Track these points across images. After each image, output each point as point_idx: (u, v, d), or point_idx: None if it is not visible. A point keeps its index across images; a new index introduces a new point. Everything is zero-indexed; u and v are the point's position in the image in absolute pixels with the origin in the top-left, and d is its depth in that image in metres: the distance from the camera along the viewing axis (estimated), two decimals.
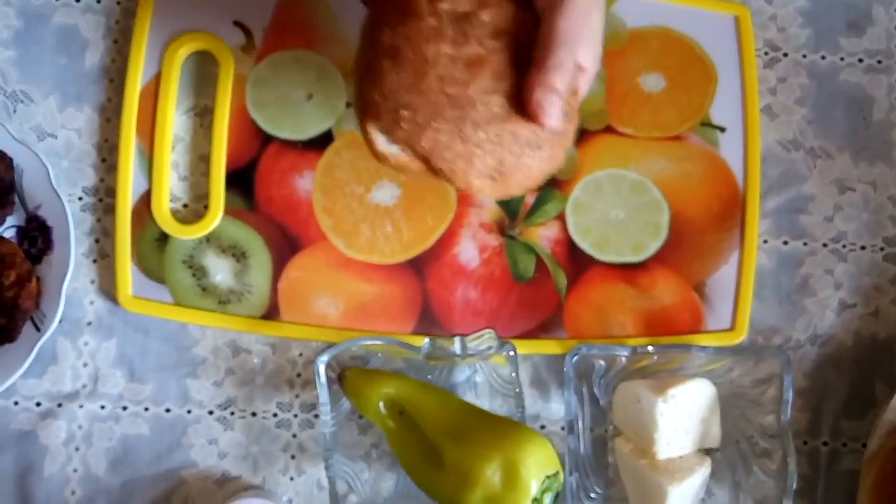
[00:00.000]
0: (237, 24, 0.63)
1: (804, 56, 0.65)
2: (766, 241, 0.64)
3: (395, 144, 0.48)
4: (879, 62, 0.66)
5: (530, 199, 0.63)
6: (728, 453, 0.61)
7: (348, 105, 0.63)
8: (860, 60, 0.66)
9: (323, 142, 0.62)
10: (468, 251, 0.63)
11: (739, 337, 0.63)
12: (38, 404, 0.61)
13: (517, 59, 0.46)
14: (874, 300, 0.64)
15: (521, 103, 0.46)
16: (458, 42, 0.46)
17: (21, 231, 0.61)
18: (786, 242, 0.64)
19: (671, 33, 0.64)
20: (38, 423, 0.61)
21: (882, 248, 0.65)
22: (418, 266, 0.62)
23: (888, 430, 0.60)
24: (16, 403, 0.61)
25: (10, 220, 0.61)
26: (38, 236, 0.60)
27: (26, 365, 0.59)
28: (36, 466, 0.60)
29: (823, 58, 0.66)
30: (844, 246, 0.65)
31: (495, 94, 0.46)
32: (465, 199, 0.63)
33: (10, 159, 0.60)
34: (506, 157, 0.47)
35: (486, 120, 0.46)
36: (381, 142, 0.48)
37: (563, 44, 0.45)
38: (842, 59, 0.66)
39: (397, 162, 0.49)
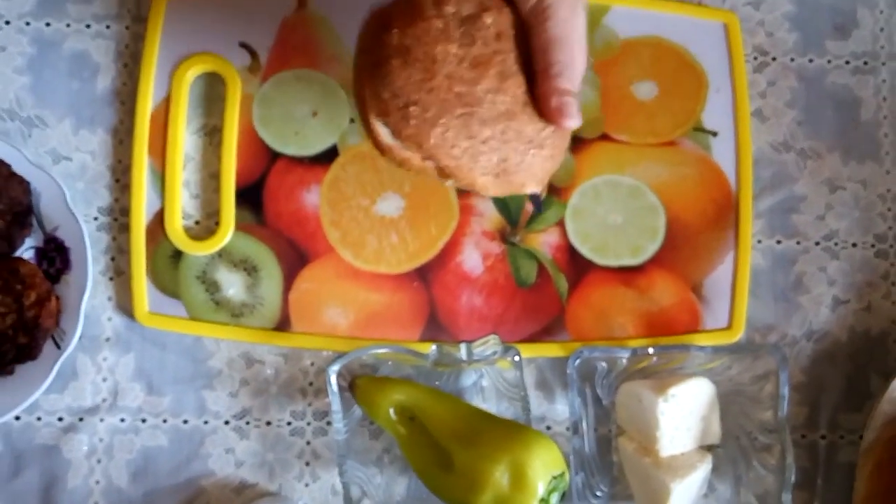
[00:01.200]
0: (243, 45, 0.64)
1: (792, 60, 0.67)
2: (760, 241, 0.66)
3: (399, 141, 0.50)
4: (866, 63, 0.67)
5: (530, 207, 0.65)
6: (729, 449, 0.62)
7: (352, 121, 0.64)
8: (847, 62, 0.67)
9: (328, 157, 0.64)
10: (472, 259, 0.64)
11: (737, 335, 0.64)
12: (61, 419, 0.62)
13: (518, 59, 0.49)
14: (867, 296, 0.66)
15: (527, 103, 0.49)
16: (465, 43, 0.48)
17: (40, 252, 0.62)
18: (779, 242, 0.66)
19: (662, 42, 0.66)
20: (61, 438, 0.62)
21: (873, 245, 0.66)
22: (424, 275, 0.64)
23: (884, 422, 0.61)
24: (39, 419, 0.62)
25: (29, 242, 0.62)
26: (56, 256, 0.62)
27: (48, 382, 0.60)
28: (60, 479, 0.62)
29: (811, 61, 0.67)
30: (836, 244, 0.66)
31: (500, 92, 0.48)
32: (467, 209, 0.64)
33: (28, 183, 0.61)
34: (510, 154, 0.49)
35: (493, 118, 0.48)
36: (385, 134, 0.50)
37: (560, 47, 0.48)
38: (829, 61, 0.67)
39: (401, 156, 0.50)
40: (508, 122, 0.49)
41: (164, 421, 0.63)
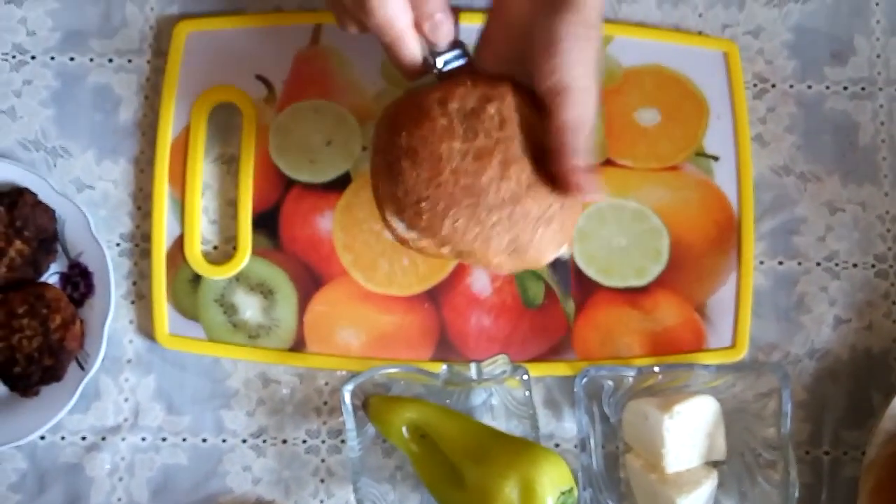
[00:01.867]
0: (259, 77, 0.66)
1: (791, 86, 0.69)
2: (762, 262, 0.67)
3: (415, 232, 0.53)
4: (863, 89, 0.69)
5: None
6: (734, 465, 0.63)
7: (364, 148, 0.66)
8: (845, 88, 0.69)
9: (342, 183, 0.66)
10: (480, 281, 0.66)
11: (740, 354, 0.65)
12: (84, 438, 0.64)
13: (524, 143, 0.52)
14: (867, 315, 0.67)
15: (531, 185, 0.52)
16: (468, 137, 0.52)
17: (64, 277, 0.64)
18: (781, 263, 0.67)
19: (664, 71, 0.68)
20: (84, 456, 0.64)
21: (873, 265, 0.67)
22: (434, 297, 0.65)
23: (885, 439, 0.62)
24: (63, 438, 0.64)
25: (54, 267, 0.64)
26: (80, 281, 0.64)
27: (72, 402, 0.62)
28: (83, 497, 0.63)
29: (810, 87, 0.69)
30: (837, 264, 0.67)
31: (504, 179, 0.51)
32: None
33: (53, 211, 0.63)
34: (519, 234, 0.52)
35: (498, 204, 0.51)
36: (401, 228, 0.53)
37: (578, 131, 0.51)
38: (827, 87, 0.69)
39: (417, 246, 0.54)
40: (514, 206, 0.52)
41: (184, 440, 0.64)
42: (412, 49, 0.53)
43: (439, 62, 0.54)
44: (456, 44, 0.55)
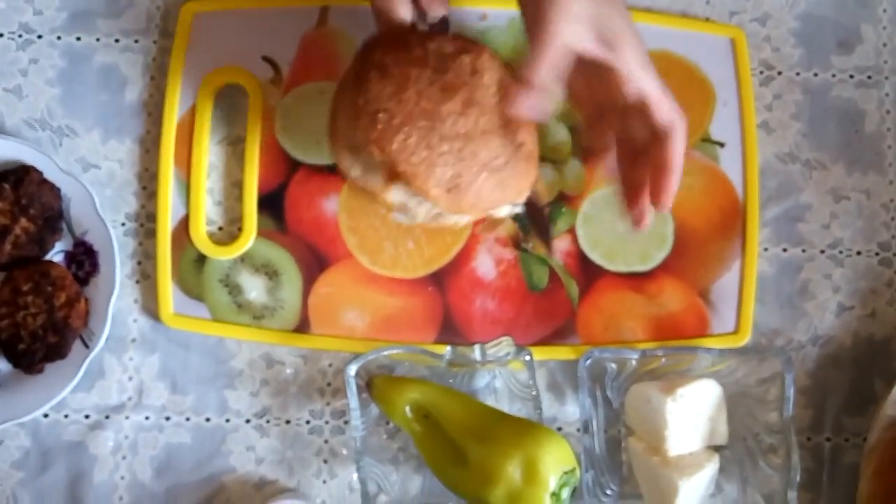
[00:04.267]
0: (265, 59, 0.67)
1: (798, 74, 0.69)
2: (766, 249, 0.67)
3: (359, 151, 0.55)
4: (869, 77, 0.69)
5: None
6: (736, 450, 0.63)
7: None
8: (851, 76, 0.69)
9: None
10: (485, 264, 0.66)
11: (743, 340, 0.66)
12: (87, 417, 0.64)
13: (490, 95, 0.54)
14: (871, 302, 0.67)
15: (486, 132, 0.54)
16: (439, 70, 0.54)
17: (69, 255, 0.64)
18: (785, 249, 0.68)
19: (671, 56, 0.68)
20: (88, 435, 0.64)
21: (877, 253, 0.68)
22: (439, 280, 0.66)
23: (886, 424, 0.62)
24: (66, 416, 0.64)
25: (59, 246, 0.64)
26: (84, 260, 0.64)
27: (76, 380, 0.62)
28: (86, 475, 0.64)
29: (816, 75, 0.69)
30: (841, 252, 0.68)
31: (462, 116, 0.53)
32: (481, 217, 0.66)
33: (58, 189, 0.63)
34: (462, 172, 0.54)
35: (451, 137, 0.53)
36: (348, 162, 0.56)
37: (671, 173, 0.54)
38: (833, 75, 0.69)
39: (363, 184, 0.56)
40: (465, 143, 0.53)
41: (188, 419, 0.65)
42: (403, 9, 0.55)
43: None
44: (444, 20, 0.57)
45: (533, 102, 0.51)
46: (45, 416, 0.64)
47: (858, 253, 0.68)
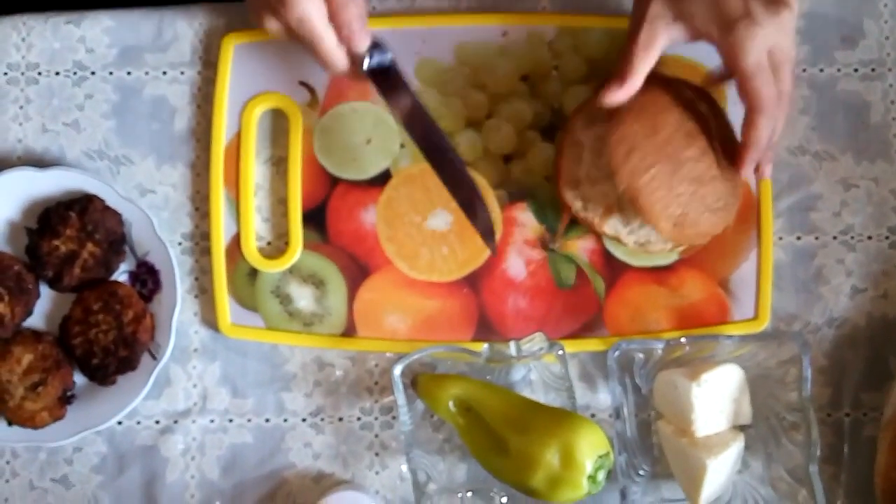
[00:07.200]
0: (302, 83, 0.70)
1: (804, 70, 0.71)
2: (781, 238, 0.70)
3: (579, 186, 0.65)
4: (873, 70, 0.71)
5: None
6: (759, 429, 0.66)
7: (402, 146, 0.70)
8: (855, 70, 0.71)
9: (382, 179, 0.70)
10: (516, 265, 0.69)
11: (762, 325, 0.68)
12: (158, 422, 0.69)
13: (719, 142, 0.62)
14: (883, 284, 0.70)
15: (714, 178, 0.62)
16: (684, 116, 0.61)
17: (133, 275, 0.69)
18: (799, 238, 0.70)
19: (682, 59, 0.69)
20: (159, 439, 0.68)
21: (887, 237, 0.70)
22: (473, 282, 0.69)
23: None
24: (138, 423, 0.69)
25: (123, 267, 0.68)
26: (147, 279, 0.68)
27: (146, 390, 0.66)
28: (159, 475, 0.68)
29: (822, 70, 0.71)
30: (853, 237, 0.70)
31: (699, 162, 0.60)
32: (510, 220, 0.70)
33: (120, 215, 0.68)
34: (689, 213, 0.61)
35: (689, 180, 0.60)
36: (577, 207, 0.65)
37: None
38: (838, 70, 0.71)
39: (586, 220, 0.65)
40: (698, 187, 0.61)
41: (249, 420, 0.69)
42: (332, 46, 0.59)
43: (364, 64, 0.61)
44: (375, 45, 0.61)
45: (625, 95, 0.59)
46: (120, 423, 0.69)
47: (869, 238, 0.70)
